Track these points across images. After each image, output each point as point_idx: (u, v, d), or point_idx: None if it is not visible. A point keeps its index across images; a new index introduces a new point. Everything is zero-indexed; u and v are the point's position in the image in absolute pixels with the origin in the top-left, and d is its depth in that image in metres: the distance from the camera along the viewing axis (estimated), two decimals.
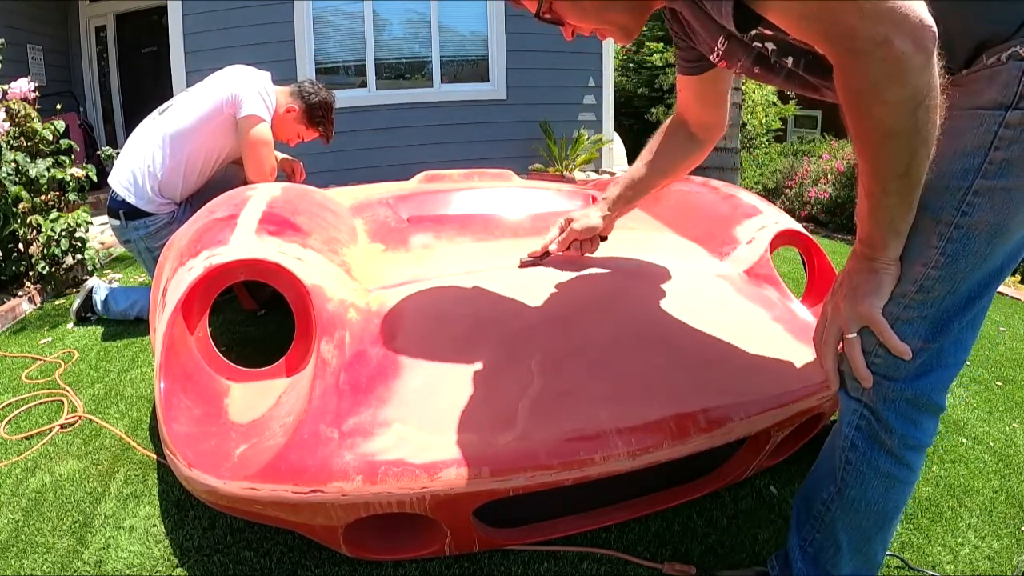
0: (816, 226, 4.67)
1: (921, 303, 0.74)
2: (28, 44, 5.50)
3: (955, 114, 0.70)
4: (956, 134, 0.70)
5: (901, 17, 0.60)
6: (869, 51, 0.61)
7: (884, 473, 0.81)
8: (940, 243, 0.71)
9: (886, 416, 0.78)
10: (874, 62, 0.62)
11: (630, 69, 8.33)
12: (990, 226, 0.69)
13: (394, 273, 1.27)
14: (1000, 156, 0.67)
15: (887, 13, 0.60)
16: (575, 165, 5.44)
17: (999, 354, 2.11)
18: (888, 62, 0.61)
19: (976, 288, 0.73)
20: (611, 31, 0.88)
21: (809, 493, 0.91)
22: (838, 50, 0.65)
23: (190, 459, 0.91)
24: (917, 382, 0.77)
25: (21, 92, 2.55)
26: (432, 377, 1.00)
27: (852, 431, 0.82)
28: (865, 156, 0.70)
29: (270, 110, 2.09)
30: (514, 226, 1.59)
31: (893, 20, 0.60)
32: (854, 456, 0.82)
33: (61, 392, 1.71)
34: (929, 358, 0.76)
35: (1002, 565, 1.11)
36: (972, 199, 0.69)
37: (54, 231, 2.54)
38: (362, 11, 5.13)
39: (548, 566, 1.06)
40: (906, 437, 0.79)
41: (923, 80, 0.62)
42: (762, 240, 1.49)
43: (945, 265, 0.72)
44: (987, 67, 0.67)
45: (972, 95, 0.69)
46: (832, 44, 0.65)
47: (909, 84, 0.62)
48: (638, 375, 1.05)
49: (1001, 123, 0.66)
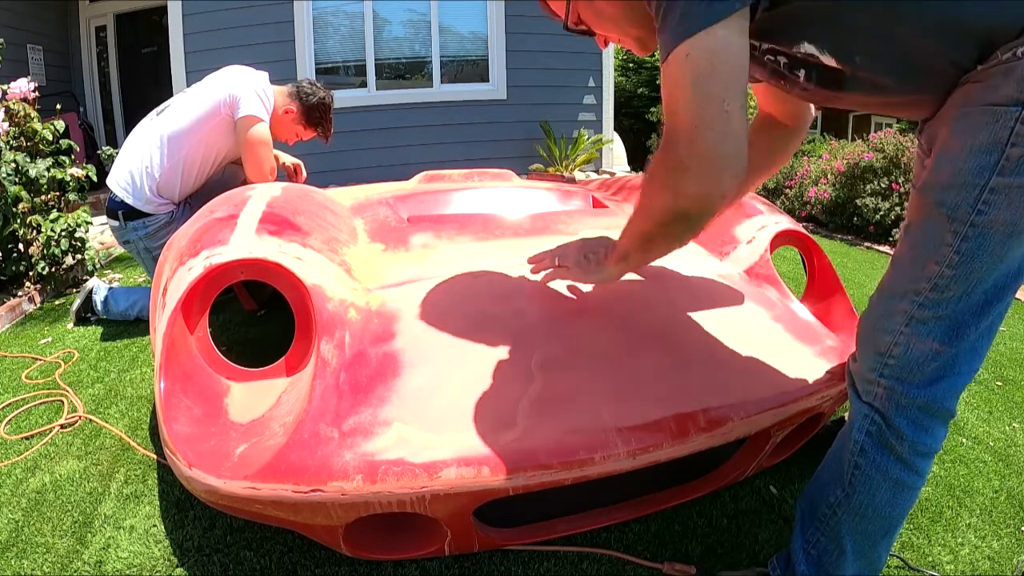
0: (816, 226, 4.67)
1: (936, 303, 0.73)
2: (28, 44, 5.50)
3: (969, 110, 0.69)
4: (971, 131, 0.69)
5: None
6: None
7: (893, 479, 0.80)
8: (955, 241, 0.70)
9: (897, 422, 0.78)
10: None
11: (630, 69, 8.34)
12: (1006, 225, 0.68)
13: (394, 273, 1.27)
14: (1017, 153, 0.65)
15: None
16: (575, 165, 5.45)
17: (999, 354, 2.11)
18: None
19: (992, 291, 0.72)
20: (629, 43, 0.91)
21: (815, 496, 0.90)
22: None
23: (190, 459, 0.91)
24: (930, 388, 0.76)
25: (21, 92, 2.56)
26: (432, 377, 1.00)
27: (863, 436, 0.81)
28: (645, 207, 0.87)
29: (268, 110, 2.09)
30: (514, 226, 1.59)
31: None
32: (864, 461, 0.81)
33: (61, 392, 1.71)
34: (943, 363, 0.75)
35: (1002, 565, 1.11)
36: (989, 197, 0.68)
37: (54, 231, 2.54)
38: (362, 11, 5.14)
39: (548, 566, 1.06)
40: (917, 443, 0.78)
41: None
42: (762, 240, 1.49)
43: (960, 264, 0.71)
44: (1002, 62, 0.66)
45: (987, 91, 0.68)
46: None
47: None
48: (638, 375, 1.05)
49: (1018, 119, 0.65)
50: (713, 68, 0.69)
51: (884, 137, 4.45)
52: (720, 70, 0.70)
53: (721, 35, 0.69)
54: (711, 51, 0.69)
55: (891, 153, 4.29)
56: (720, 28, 0.68)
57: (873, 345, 0.79)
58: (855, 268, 3.38)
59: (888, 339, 0.77)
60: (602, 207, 1.89)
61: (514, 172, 2.38)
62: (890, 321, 0.77)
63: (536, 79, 5.51)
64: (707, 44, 0.69)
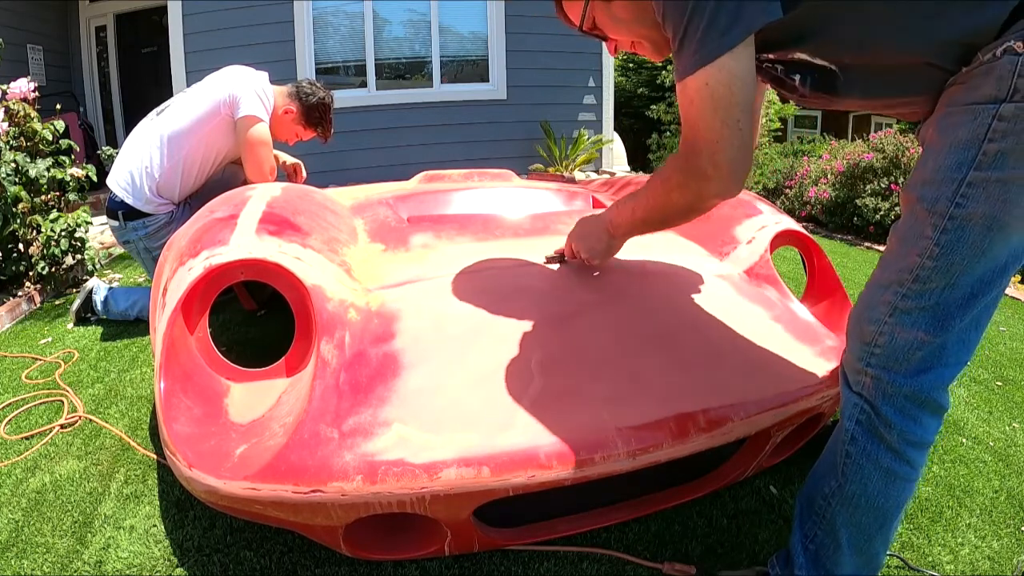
0: (816, 226, 4.67)
1: (919, 294, 0.75)
2: (28, 44, 5.50)
3: (952, 111, 0.72)
4: (952, 129, 0.72)
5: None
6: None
7: (884, 468, 0.82)
8: (935, 234, 0.73)
9: (885, 411, 0.79)
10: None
11: (630, 69, 8.33)
12: (986, 218, 0.70)
13: (394, 273, 1.27)
14: (994, 148, 0.68)
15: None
16: (575, 165, 5.45)
17: (999, 354, 2.11)
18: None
19: (978, 284, 0.74)
20: (644, 47, 0.94)
21: (811, 489, 0.92)
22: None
23: (190, 459, 0.91)
24: (917, 378, 0.77)
25: (21, 92, 2.55)
26: (432, 377, 1.00)
27: (852, 424, 0.83)
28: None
29: (268, 110, 2.09)
30: (514, 226, 1.59)
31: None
32: (854, 450, 0.83)
33: (61, 392, 1.71)
34: (930, 354, 0.76)
35: (1002, 565, 1.11)
36: (966, 190, 0.70)
37: (54, 231, 2.54)
38: (362, 11, 5.14)
39: (548, 566, 1.06)
40: (906, 432, 0.79)
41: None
42: (762, 240, 1.49)
43: (940, 256, 0.73)
44: (983, 63, 0.69)
45: (969, 91, 0.71)
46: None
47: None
48: (638, 375, 1.05)
49: (995, 116, 0.68)
50: (731, 94, 0.77)
51: (884, 137, 4.45)
52: (736, 95, 0.78)
53: (734, 63, 0.76)
54: (729, 78, 0.77)
55: (891, 153, 4.29)
56: (732, 57, 0.76)
57: (859, 335, 0.81)
58: (855, 268, 3.38)
59: (873, 329, 0.79)
60: (602, 207, 1.89)
61: (514, 172, 2.38)
62: (875, 311, 0.79)
63: (536, 79, 5.51)
64: (723, 73, 0.77)
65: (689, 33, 0.77)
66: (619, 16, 0.91)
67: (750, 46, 0.77)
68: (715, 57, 0.76)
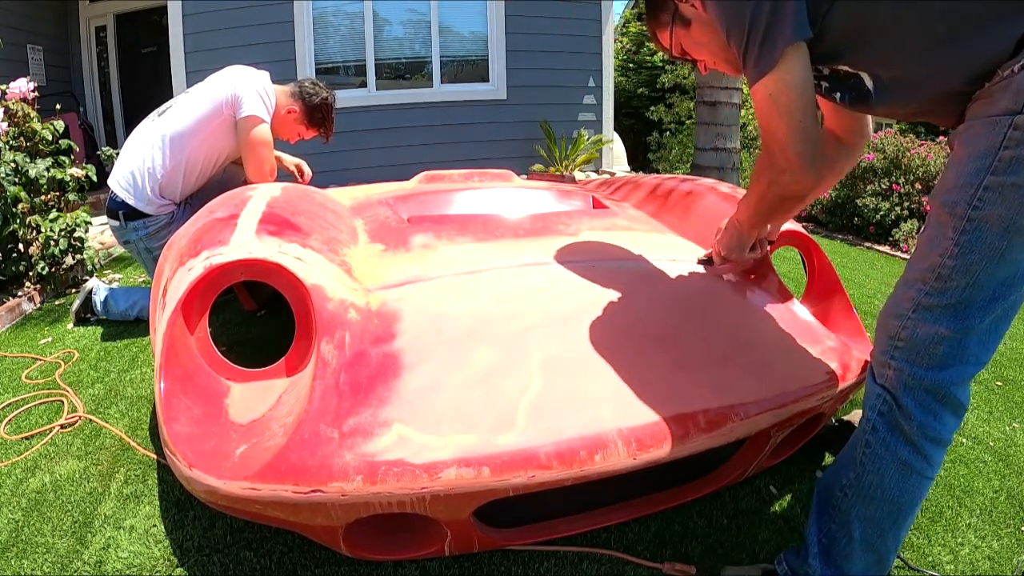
0: (816, 226, 4.68)
1: (940, 291, 0.80)
2: (28, 44, 5.49)
3: (973, 123, 0.79)
4: (973, 140, 0.78)
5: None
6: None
7: (901, 460, 0.85)
8: (955, 235, 0.78)
9: (905, 402, 0.83)
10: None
11: (630, 69, 8.32)
12: (1003, 220, 0.75)
13: (394, 273, 1.27)
14: (1009, 154, 0.73)
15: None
16: (575, 165, 5.44)
17: (999, 354, 2.11)
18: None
19: (999, 287, 0.78)
20: (721, 64, 1.06)
21: (830, 480, 0.95)
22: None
23: (190, 459, 0.91)
24: (937, 373, 0.82)
25: (20, 92, 2.55)
26: (432, 377, 1.00)
27: (874, 415, 0.87)
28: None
29: (270, 110, 2.09)
30: (514, 226, 1.59)
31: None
32: (874, 439, 0.87)
33: (61, 392, 1.71)
34: (950, 350, 0.81)
35: (1002, 565, 1.11)
36: (983, 194, 0.76)
37: (53, 231, 2.54)
38: (362, 11, 5.13)
39: (548, 566, 1.06)
40: (925, 426, 0.83)
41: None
42: (762, 240, 1.48)
43: (959, 255, 0.78)
44: (1002, 79, 0.75)
45: (989, 105, 0.77)
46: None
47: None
48: (638, 375, 1.05)
49: (1011, 125, 0.73)
50: (790, 99, 0.89)
51: (884, 137, 4.45)
52: (795, 99, 0.89)
53: (787, 74, 0.88)
54: (786, 86, 0.88)
55: (891, 153, 4.29)
56: (784, 70, 0.87)
57: (886, 329, 0.87)
58: (855, 268, 3.38)
59: (897, 323, 0.85)
60: (602, 207, 1.89)
61: (514, 172, 2.38)
62: (900, 307, 0.85)
63: (536, 79, 5.51)
64: (780, 83, 0.88)
65: (749, 50, 0.90)
66: (699, 40, 1.04)
67: (800, 58, 0.88)
68: (768, 70, 0.88)
